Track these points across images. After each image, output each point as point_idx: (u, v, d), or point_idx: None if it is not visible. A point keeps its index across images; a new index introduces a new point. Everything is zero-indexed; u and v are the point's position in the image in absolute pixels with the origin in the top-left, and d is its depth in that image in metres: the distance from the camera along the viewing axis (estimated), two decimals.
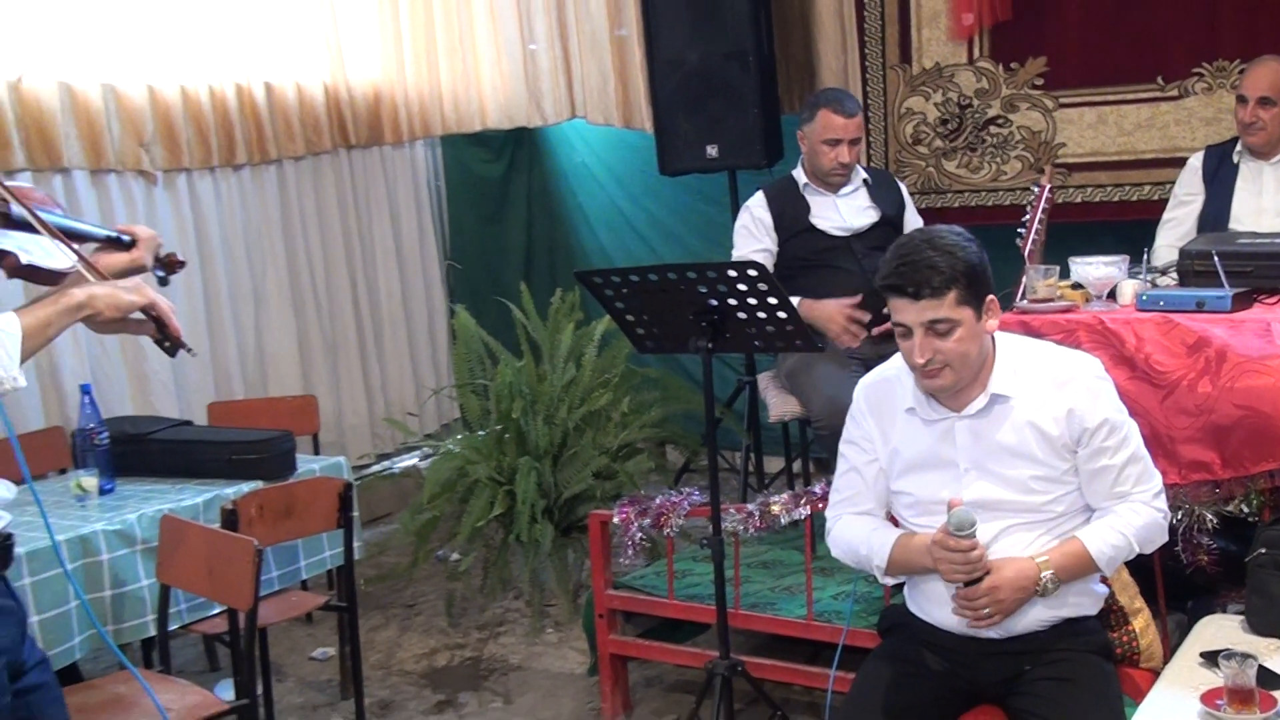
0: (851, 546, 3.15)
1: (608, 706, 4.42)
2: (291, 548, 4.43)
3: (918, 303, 2.82)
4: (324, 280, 6.70)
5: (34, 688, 2.52)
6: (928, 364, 2.85)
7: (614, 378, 5.65)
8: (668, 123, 6.02)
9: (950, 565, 2.85)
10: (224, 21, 6.06)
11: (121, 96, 5.64)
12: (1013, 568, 2.86)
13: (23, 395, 5.13)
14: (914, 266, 2.81)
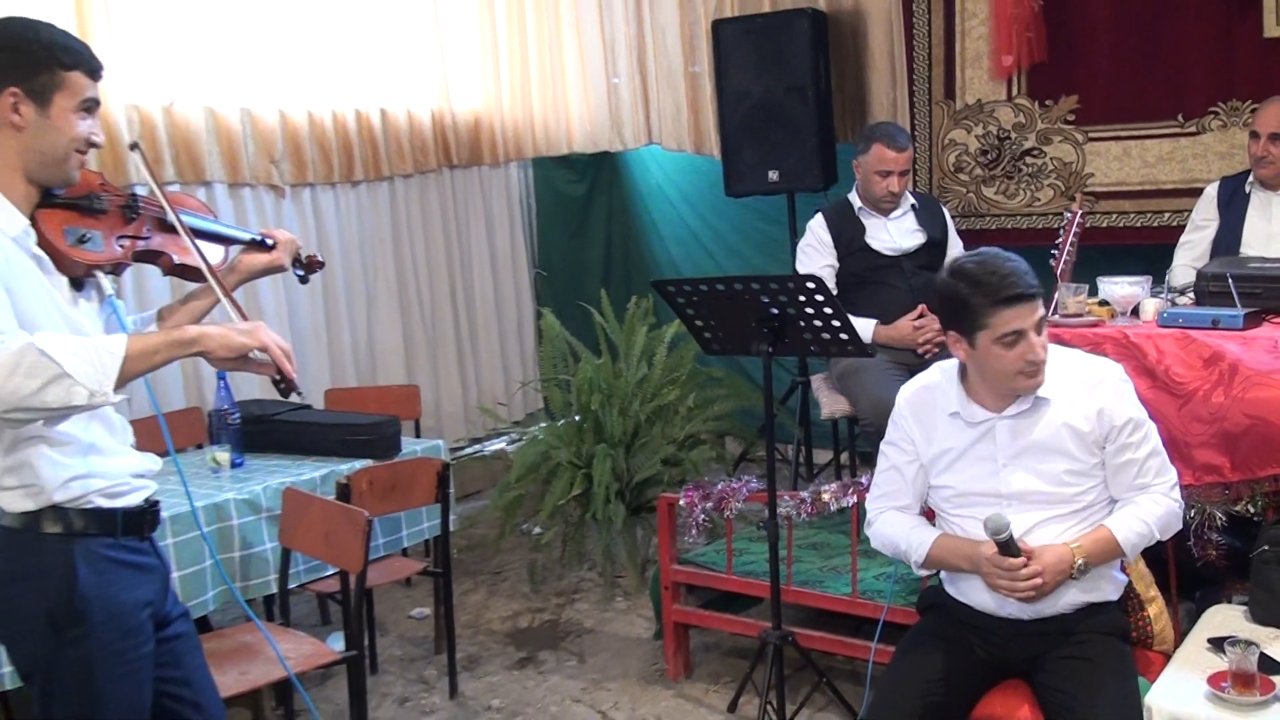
0: (892, 540, 3.13)
1: (670, 668, 4.42)
2: (395, 519, 4.46)
3: (1032, 304, 2.82)
4: (427, 283, 6.72)
5: (177, 636, 2.56)
6: (1040, 362, 2.84)
7: (681, 376, 5.64)
8: (734, 149, 6.01)
9: (1000, 581, 2.84)
10: (346, 56, 6.11)
11: (256, 119, 5.71)
12: (1051, 553, 2.84)
13: (167, 379, 5.22)
14: (1018, 275, 2.81)
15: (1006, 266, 2.82)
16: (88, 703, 2.36)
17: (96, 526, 2.37)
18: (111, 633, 2.36)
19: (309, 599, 5.02)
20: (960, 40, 5.79)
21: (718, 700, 4.22)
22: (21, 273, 2.27)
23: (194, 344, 2.32)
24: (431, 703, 4.35)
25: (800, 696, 4.05)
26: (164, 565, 2.57)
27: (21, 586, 2.35)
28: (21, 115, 2.29)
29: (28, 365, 2.11)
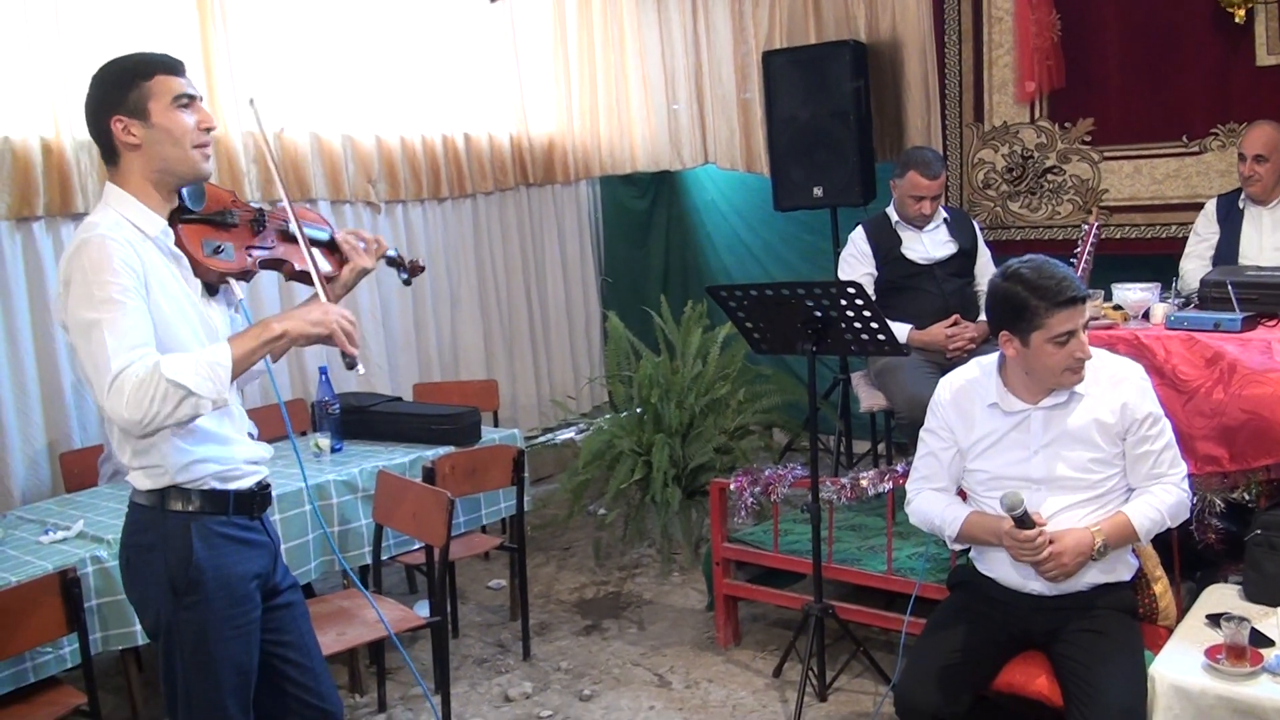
0: (928, 516, 3.16)
1: (721, 636, 4.45)
2: (475, 500, 4.52)
3: (1083, 306, 2.85)
4: (505, 289, 6.77)
5: (288, 605, 2.63)
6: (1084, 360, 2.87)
7: (733, 373, 5.64)
8: (782, 168, 6.02)
9: (1019, 551, 2.87)
10: (434, 86, 6.17)
11: (356, 144, 5.79)
12: (1073, 536, 2.86)
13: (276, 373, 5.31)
14: (1069, 280, 2.84)
15: (1060, 272, 2.85)
16: (202, 659, 2.43)
17: (210, 506, 2.44)
18: (223, 600, 2.43)
19: (399, 570, 5.09)
20: (988, 68, 5.77)
21: (764, 666, 4.25)
22: (162, 270, 2.35)
23: (280, 337, 2.39)
24: (507, 664, 4.41)
25: (839, 664, 4.07)
26: (274, 541, 2.62)
27: (150, 556, 2.43)
28: (134, 135, 2.35)
29: (161, 393, 2.19)
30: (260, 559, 2.54)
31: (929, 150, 4.88)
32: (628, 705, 4.03)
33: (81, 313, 2.24)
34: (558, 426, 7.11)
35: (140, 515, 2.45)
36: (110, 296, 2.23)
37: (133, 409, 2.19)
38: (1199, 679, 2.67)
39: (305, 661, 2.66)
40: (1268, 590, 3.07)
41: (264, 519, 2.59)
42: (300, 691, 2.65)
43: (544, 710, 4.01)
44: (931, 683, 2.89)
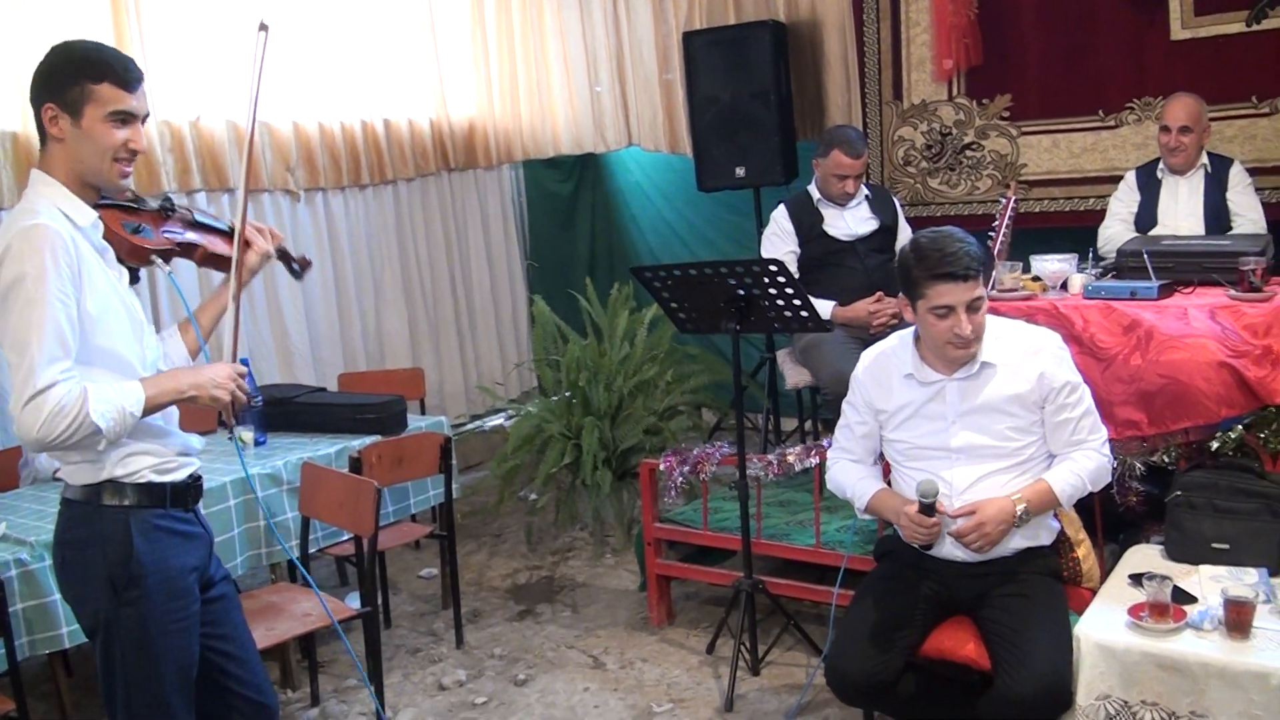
0: (842, 486, 3.24)
1: (654, 615, 4.46)
2: (403, 488, 4.47)
3: (964, 284, 2.84)
4: (429, 276, 6.73)
5: (221, 597, 2.60)
6: (969, 336, 2.88)
7: (660, 354, 5.65)
8: (705, 149, 6.02)
9: (913, 532, 2.95)
10: (352, 71, 6.10)
11: (273, 131, 5.71)
12: (994, 506, 2.89)
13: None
14: (957, 256, 2.84)
15: (952, 246, 2.85)
16: (144, 656, 2.40)
17: (148, 499, 2.41)
18: (163, 594, 2.40)
19: (328, 562, 5.04)
20: (906, 46, 5.82)
21: (697, 643, 4.27)
22: (92, 263, 2.32)
23: (188, 396, 2.42)
24: (440, 652, 4.38)
25: (771, 638, 4.11)
26: (208, 533, 2.60)
27: (87, 553, 2.39)
28: (59, 128, 2.31)
29: (77, 425, 2.20)
30: (198, 551, 2.52)
31: (852, 129, 4.92)
32: (562, 688, 4.02)
33: (14, 307, 2.20)
34: (486, 413, 7.09)
35: (75, 511, 2.42)
36: (46, 297, 2.20)
37: (45, 430, 2.19)
38: (1123, 637, 2.72)
39: (241, 654, 2.64)
40: (1188, 549, 3.13)
41: (197, 510, 2.57)
42: (237, 685, 2.63)
43: (478, 697, 3.99)
44: (861, 651, 2.92)
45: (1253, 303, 3.45)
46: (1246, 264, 3.54)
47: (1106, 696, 2.70)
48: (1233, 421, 3.37)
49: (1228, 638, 2.66)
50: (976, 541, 2.90)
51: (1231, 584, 2.81)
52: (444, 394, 6.77)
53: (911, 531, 2.96)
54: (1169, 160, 4.57)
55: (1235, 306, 3.46)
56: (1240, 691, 2.56)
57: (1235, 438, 3.39)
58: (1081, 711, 2.72)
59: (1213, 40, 5.04)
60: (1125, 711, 2.69)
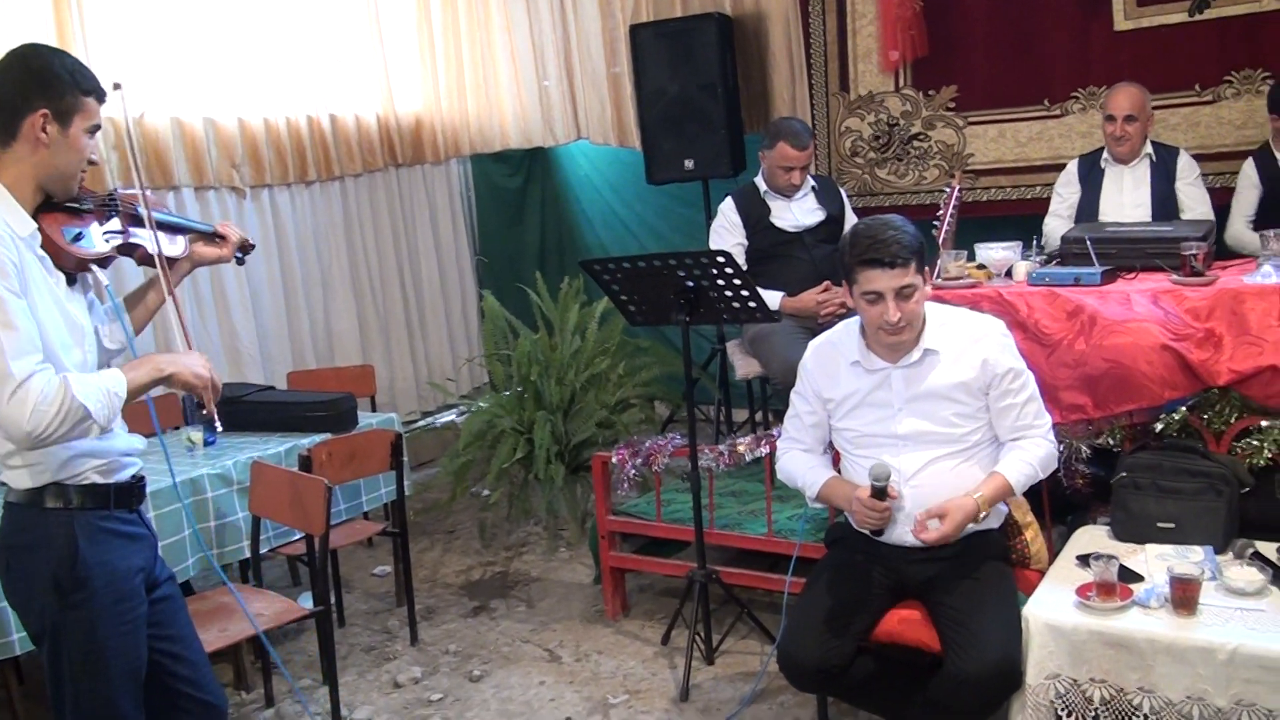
0: (792, 475, 3.26)
1: (609, 608, 4.47)
2: (355, 486, 4.46)
3: (891, 271, 2.87)
4: (378, 272, 6.70)
5: (166, 598, 2.59)
6: (898, 323, 2.90)
7: (612, 347, 5.66)
8: (653, 142, 6.04)
9: (864, 516, 2.97)
10: (297, 65, 6.06)
11: (219, 127, 5.66)
12: (957, 504, 2.91)
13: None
14: (886, 243, 2.87)
15: (884, 233, 2.89)
16: (92, 659, 2.39)
17: (92, 501, 2.40)
18: (110, 596, 2.39)
19: (281, 562, 5.01)
20: (852, 38, 5.87)
21: (652, 634, 4.28)
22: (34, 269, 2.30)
23: (168, 377, 2.46)
24: (394, 650, 4.36)
25: (725, 627, 4.13)
26: (152, 534, 2.60)
27: (30, 557, 2.37)
28: (47, 134, 2.32)
29: (66, 412, 2.21)
30: (143, 552, 2.51)
31: (797, 121, 4.94)
32: (518, 682, 4.02)
33: None
34: (437, 409, 7.07)
35: (18, 515, 2.40)
36: (3, 295, 2.20)
37: (34, 422, 2.19)
38: (1071, 616, 2.75)
39: (187, 654, 2.63)
40: (1134, 529, 3.19)
41: (140, 511, 2.56)
42: (184, 685, 2.61)
43: (433, 694, 3.98)
44: (813, 638, 2.95)
45: (1195, 287, 3.49)
46: (1188, 249, 3.58)
47: (1056, 675, 2.74)
48: (1176, 403, 3.41)
49: (1174, 614, 2.70)
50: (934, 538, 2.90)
51: (1177, 562, 2.85)
52: (394, 391, 6.74)
53: (863, 516, 2.98)
54: (1114, 150, 4.63)
55: (1177, 291, 3.50)
56: (1187, 666, 2.60)
57: (1179, 419, 3.44)
58: (1031, 690, 2.76)
59: (1155, 30, 5.13)
60: (1074, 689, 2.73)
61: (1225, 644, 2.57)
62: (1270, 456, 3.32)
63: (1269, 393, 3.27)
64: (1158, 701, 2.64)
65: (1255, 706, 2.53)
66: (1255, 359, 3.28)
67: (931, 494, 2.99)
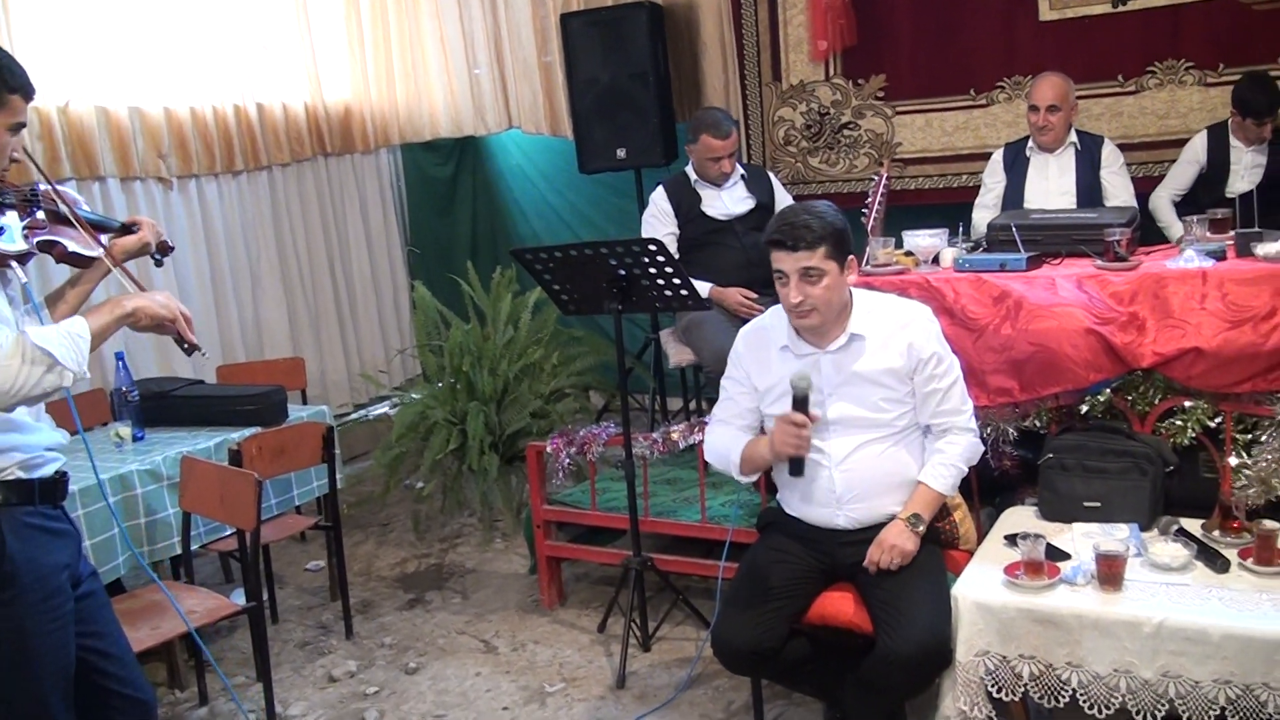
0: (717, 449, 3.27)
1: (545, 597, 4.48)
2: (286, 480, 4.42)
3: (795, 253, 2.93)
4: (308, 264, 6.63)
5: (89, 594, 2.55)
6: (799, 305, 2.95)
7: (545, 336, 5.65)
8: (585, 131, 6.05)
9: (784, 436, 2.96)
10: (223, 52, 5.98)
11: (145, 116, 5.57)
12: (890, 531, 3.00)
13: None
14: (793, 226, 2.94)
15: (797, 217, 2.97)
16: (21, 657, 2.35)
17: (16, 496, 2.36)
18: (38, 593, 2.35)
19: (213, 559, 4.95)
20: (783, 28, 5.92)
21: (588, 623, 4.30)
22: None
23: (132, 314, 2.42)
24: (329, 644, 4.34)
25: (660, 613, 4.17)
26: (75, 531, 2.56)
27: None
28: None
29: (30, 358, 2.19)
30: (68, 548, 2.47)
31: (717, 110, 4.98)
32: (454, 674, 4.02)
33: None
34: (370, 402, 7.03)
35: None
36: None
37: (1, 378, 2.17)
38: (1000, 595, 2.81)
39: (114, 651, 2.60)
40: (1061, 508, 3.25)
41: (63, 507, 2.52)
42: (111, 682, 2.58)
43: (369, 687, 3.97)
44: (746, 622, 2.98)
45: (1119, 272, 3.57)
46: (1112, 235, 3.66)
47: (985, 652, 2.79)
48: (1101, 385, 3.49)
49: (1100, 591, 2.76)
50: (894, 559, 2.96)
51: (1103, 540, 2.90)
52: (326, 383, 6.69)
53: (782, 434, 2.97)
54: (1038, 139, 4.71)
55: (1101, 276, 3.57)
56: (1114, 640, 2.66)
57: (1104, 401, 3.52)
58: (961, 668, 2.80)
59: (1080, 21, 5.23)
60: (1004, 666, 2.78)
61: (1150, 618, 2.63)
62: (1193, 436, 3.42)
63: (1191, 374, 3.35)
64: (1085, 675, 2.70)
65: (1181, 678, 2.60)
66: (1178, 341, 3.36)
67: (861, 478, 3.05)
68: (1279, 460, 3.28)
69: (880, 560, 2.97)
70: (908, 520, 3.01)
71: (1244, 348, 3.29)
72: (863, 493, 3.07)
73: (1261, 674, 2.53)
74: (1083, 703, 2.71)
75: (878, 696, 2.97)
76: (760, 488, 3.84)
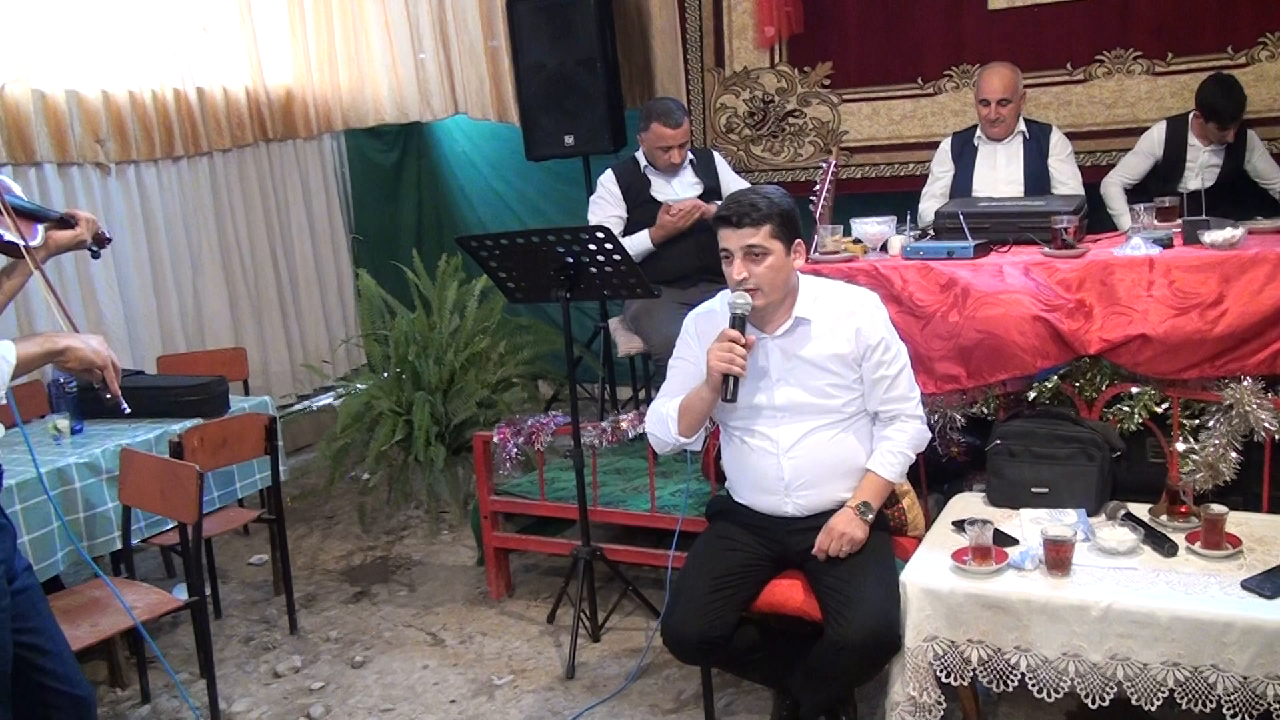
0: (655, 416, 3.23)
1: (493, 589, 4.46)
2: (228, 472, 4.37)
3: (739, 230, 2.95)
4: (250, 252, 6.55)
5: (24, 589, 2.51)
6: (743, 283, 2.96)
7: (492, 325, 5.63)
8: (532, 117, 5.99)
9: (720, 353, 2.94)
10: (162, 35, 5.87)
11: (82, 100, 5.46)
12: (839, 518, 3.01)
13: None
14: (740, 203, 2.97)
15: (745, 195, 3.01)
16: None
17: None
18: None
19: (154, 553, 4.89)
20: (728, 14, 5.91)
21: (537, 614, 4.29)
22: None
23: (62, 353, 2.40)
24: (274, 639, 4.29)
25: (610, 604, 4.17)
26: (11, 526, 2.52)
27: None
28: None
29: None
30: (3, 544, 2.44)
31: (670, 100, 4.97)
32: (400, 667, 3.99)
33: None
34: (314, 393, 6.97)
35: None
36: None
37: None
38: (948, 580, 2.83)
39: (50, 647, 2.57)
40: (1009, 494, 3.29)
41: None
42: (49, 679, 2.55)
43: (314, 682, 3.94)
44: (695, 611, 2.98)
45: (1066, 259, 3.60)
46: (1060, 222, 3.69)
47: (934, 638, 2.82)
48: (1048, 372, 3.53)
49: (1048, 576, 2.80)
50: (843, 547, 2.97)
51: (1050, 525, 2.94)
52: (268, 374, 6.62)
53: (719, 352, 2.95)
54: (989, 131, 4.74)
55: (1049, 263, 3.61)
56: (1062, 624, 2.70)
57: (1051, 387, 3.56)
58: (910, 654, 2.83)
59: (1029, 9, 5.28)
60: (953, 651, 2.81)
61: (1098, 601, 2.67)
62: (1140, 422, 3.48)
63: (1138, 360, 3.40)
64: (1034, 659, 2.73)
65: (1129, 660, 2.64)
66: (1125, 328, 3.40)
67: (809, 465, 3.07)
68: (1226, 446, 3.33)
69: (829, 548, 2.98)
70: (857, 508, 3.03)
71: (1190, 334, 3.33)
72: (811, 480, 3.08)
73: (1210, 656, 2.57)
74: (1031, 687, 2.75)
75: (827, 683, 3.00)
76: (710, 476, 3.84)
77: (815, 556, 3.01)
